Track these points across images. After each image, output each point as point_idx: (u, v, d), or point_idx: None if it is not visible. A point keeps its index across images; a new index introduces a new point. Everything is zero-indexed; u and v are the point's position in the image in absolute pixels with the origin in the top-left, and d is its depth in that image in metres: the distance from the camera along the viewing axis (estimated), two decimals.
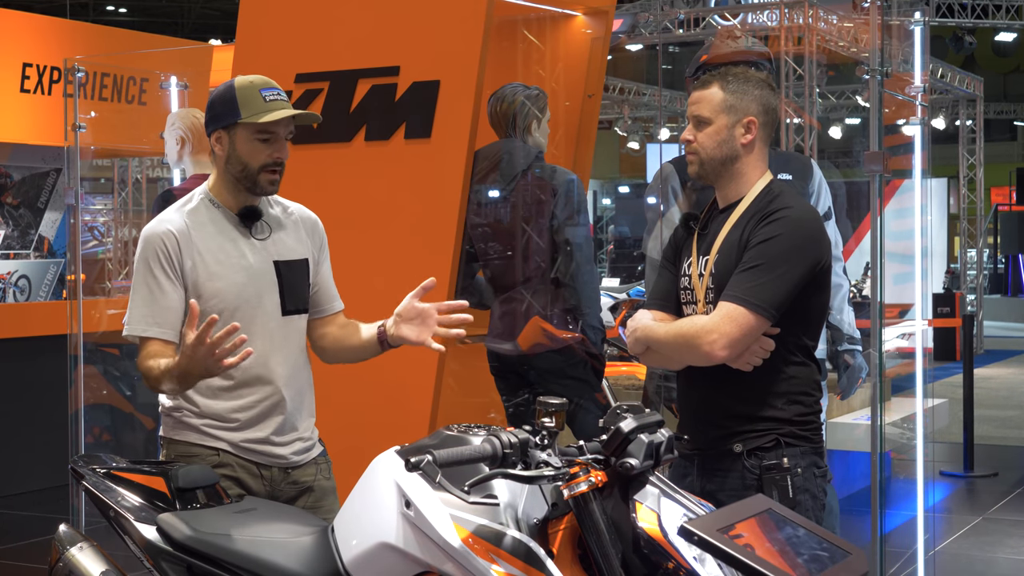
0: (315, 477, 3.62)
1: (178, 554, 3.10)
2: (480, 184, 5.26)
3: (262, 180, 3.49)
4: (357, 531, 2.92)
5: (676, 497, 2.72)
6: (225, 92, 3.50)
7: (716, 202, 3.54)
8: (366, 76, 5.17)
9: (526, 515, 2.71)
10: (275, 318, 3.53)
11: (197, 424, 3.50)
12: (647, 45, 16.90)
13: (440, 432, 2.85)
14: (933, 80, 17.00)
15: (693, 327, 3.33)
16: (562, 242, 5.23)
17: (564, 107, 5.96)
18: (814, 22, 12.61)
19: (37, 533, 7.57)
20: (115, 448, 7.91)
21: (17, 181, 10.66)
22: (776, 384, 3.36)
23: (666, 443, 2.76)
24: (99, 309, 7.71)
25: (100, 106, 9.30)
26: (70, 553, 3.31)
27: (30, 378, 8.69)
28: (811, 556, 2.54)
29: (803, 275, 3.31)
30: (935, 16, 18.67)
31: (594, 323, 5.32)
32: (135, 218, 13.25)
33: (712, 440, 3.40)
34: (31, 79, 9.97)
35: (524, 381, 5.39)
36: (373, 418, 4.95)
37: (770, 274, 3.27)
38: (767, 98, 3.46)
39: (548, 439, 2.72)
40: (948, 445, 9.98)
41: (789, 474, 3.32)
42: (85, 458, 3.52)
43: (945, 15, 19.11)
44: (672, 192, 4.72)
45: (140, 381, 8.25)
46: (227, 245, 3.49)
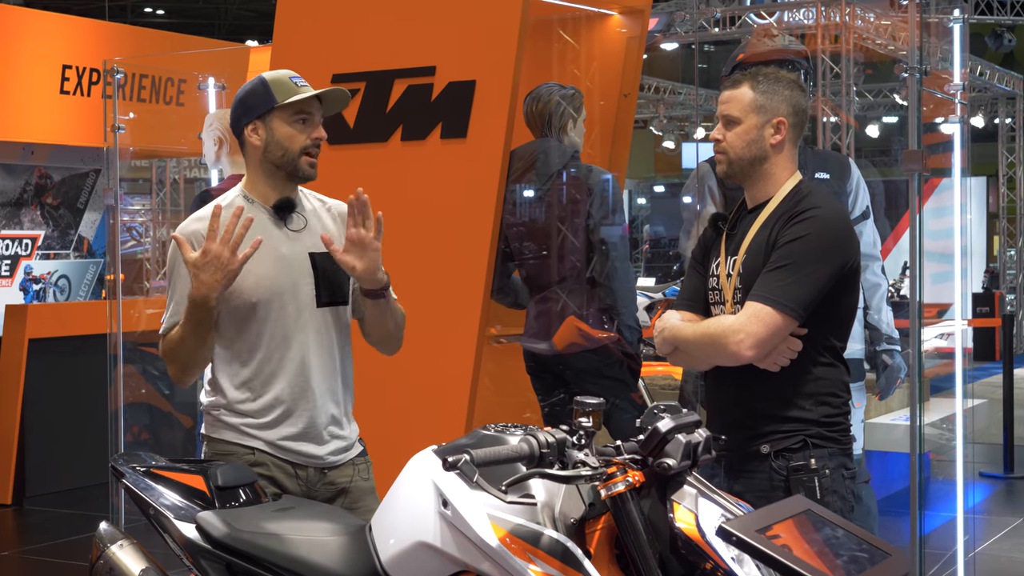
0: (352, 478, 3.61)
1: (217, 552, 3.12)
2: (516, 184, 5.26)
3: (303, 163, 3.52)
4: (394, 530, 2.92)
5: (714, 497, 2.71)
6: (255, 86, 3.55)
7: (745, 202, 3.53)
8: (402, 76, 5.18)
9: (563, 515, 2.71)
10: (310, 309, 3.53)
11: (234, 423, 3.52)
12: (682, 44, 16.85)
13: (477, 432, 2.85)
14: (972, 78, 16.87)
15: (720, 327, 3.33)
16: (598, 241, 5.23)
17: (599, 106, 5.95)
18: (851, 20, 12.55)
19: (77, 531, 7.62)
20: (154, 446, 7.95)
21: (57, 182, 10.74)
22: (803, 385, 3.35)
23: (704, 443, 2.75)
24: (138, 309, 7.76)
25: (138, 107, 9.35)
26: (111, 551, 3.33)
27: (70, 377, 8.75)
28: (850, 557, 2.53)
29: (831, 275, 3.29)
30: (974, 13, 18.53)
31: (630, 323, 5.31)
32: (173, 218, 13.32)
33: (739, 441, 3.38)
34: (70, 81, 10.04)
35: (560, 381, 5.39)
36: (409, 418, 4.96)
37: (798, 274, 3.26)
38: (797, 99, 3.45)
39: (585, 439, 2.71)
40: (988, 446, 9.90)
41: (817, 475, 3.31)
42: (125, 456, 3.54)
43: (984, 12, 18.96)
44: (708, 191, 4.71)
45: None
46: (260, 237, 3.50)
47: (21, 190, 10.45)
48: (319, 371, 3.54)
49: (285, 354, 3.48)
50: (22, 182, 10.45)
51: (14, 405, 8.53)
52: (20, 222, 10.48)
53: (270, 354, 3.47)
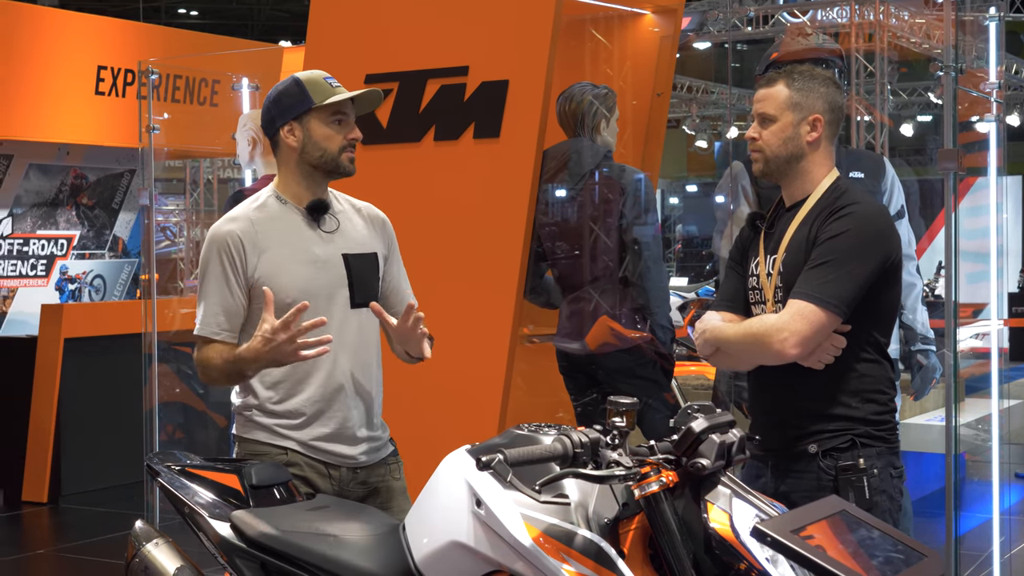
0: (384, 478, 3.62)
1: (252, 551, 3.13)
2: (549, 183, 5.25)
3: (344, 160, 3.54)
4: (428, 529, 2.92)
5: (748, 498, 2.70)
6: (290, 86, 3.54)
7: (782, 201, 3.52)
8: (435, 76, 5.19)
9: (597, 515, 2.70)
10: (344, 310, 3.54)
11: (266, 423, 3.53)
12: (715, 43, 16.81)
13: (510, 431, 2.85)
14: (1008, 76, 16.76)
15: (763, 326, 3.31)
16: (630, 241, 5.22)
17: (632, 106, 5.95)
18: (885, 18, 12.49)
19: (112, 529, 7.66)
20: (188, 445, 8.00)
21: (92, 182, 10.81)
22: (849, 382, 3.33)
23: (737, 444, 2.74)
24: (172, 308, 7.81)
25: (172, 108, 9.41)
26: (146, 549, 3.34)
27: (105, 376, 8.79)
28: (885, 558, 2.52)
29: (873, 271, 3.28)
30: (1010, 11, 18.41)
31: (663, 322, 5.30)
32: (206, 218, 13.38)
33: (786, 441, 3.37)
34: (105, 82, 10.10)
35: (592, 380, 5.38)
36: (442, 418, 4.97)
37: (839, 270, 3.24)
38: (833, 96, 3.44)
39: (619, 439, 2.71)
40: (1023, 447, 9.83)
41: (865, 475, 3.29)
42: (160, 455, 3.56)
43: (1020, 10, 18.83)
44: (742, 191, 4.69)
45: None
46: (294, 239, 3.51)
47: (57, 190, 10.52)
48: (352, 371, 3.54)
49: (319, 355, 3.48)
50: (58, 182, 10.53)
51: (50, 404, 8.58)
52: (56, 222, 10.55)
53: None
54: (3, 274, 10.18)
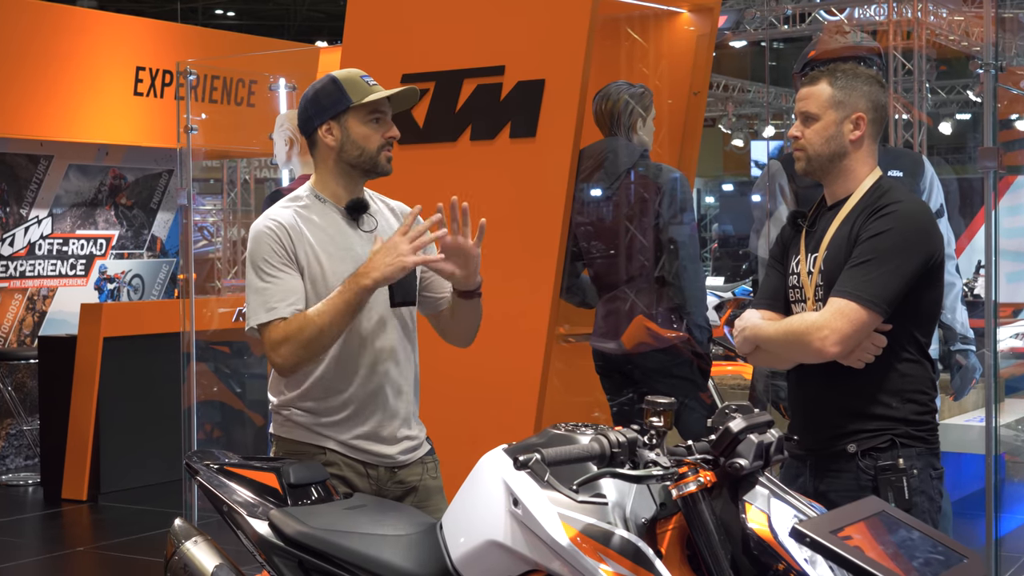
0: (421, 477, 3.62)
1: (290, 549, 3.14)
2: (585, 183, 5.25)
3: (382, 159, 3.53)
4: (465, 529, 2.92)
5: (786, 498, 2.69)
6: (327, 85, 3.54)
7: (824, 199, 3.50)
8: (471, 76, 5.19)
9: (634, 515, 2.70)
10: (383, 310, 3.54)
11: (305, 422, 3.53)
12: (752, 41, 16.76)
13: (547, 431, 2.85)
14: None
15: (803, 324, 3.30)
16: (667, 240, 5.20)
17: (668, 105, 5.93)
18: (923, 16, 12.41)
19: (151, 527, 7.71)
20: (225, 444, 8.04)
21: (131, 182, 10.88)
22: (889, 382, 3.31)
23: (776, 444, 2.72)
24: (210, 307, 7.85)
25: (210, 108, 9.44)
26: (185, 547, 3.36)
27: (143, 375, 8.84)
28: (925, 559, 2.50)
29: (915, 270, 3.26)
30: None
31: (700, 322, 5.28)
32: (243, 218, 13.43)
33: (825, 440, 3.36)
34: (144, 82, 10.16)
35: (629, 380, 5.37)
36: (479, 417, 4.97)
37: (881, 268, 3.22)
38: (876, 94, 3.42)
39: (656, 438, 2.70)
40: None
41: (905, 475, 3.27)
42: (199, 454, 3.57)
43: None
44: (779, 190, 4.67)
45: (250, 378, 8.40)
46: (336, 237, 3.51)
47: (96, 191, 10.59)
48: (390, 371, 3.54)
49: (358, 354, 3.49)
50: (97, 183, 10.60)
51: (89, 403, 8.63)
52: (95, 222, 10.62)
53: (342, 354, 3.48)
54: (43, 274, 10.25)
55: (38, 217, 10.15)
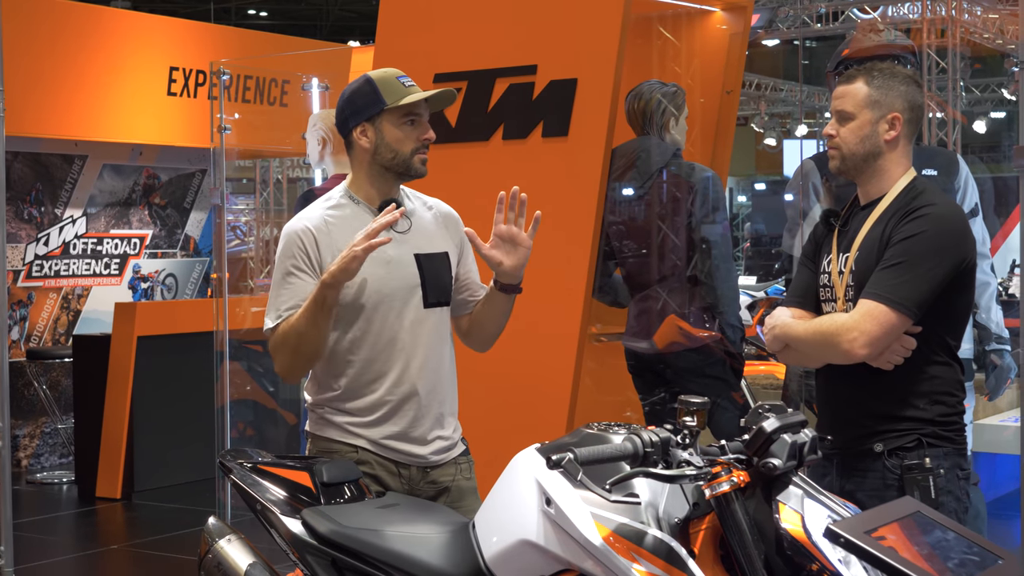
0: (454, 477, 3.62)
1: (323, 548, 3.15)
2: (617, 182, 5.24)
3: (415, 162, 3.54)
4: (498, 528, 2.93)
5: (820, 498, 2.68)
6: (362, 86, 3.54)
7: (857, 199, 3.49)
8: (504, 75, 5.19)
9: (667, 514, 2.69)
10: (417, 310, 3.54)
11: (338, 421, 3.54)
12: (785, 40, 16.69)
13: (580, 430, 2.85)
14: None
15: (833, 325, 3.29)
16: (699, 240, 5.19)
17: (700, 104, 5.92)
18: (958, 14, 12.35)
19: (185, 525, 7.75)
20: (258, 443, 8.06)
21: (164, 182, 10.93)
22: (918, 384, 3.30)
23: (809, 443, 2.72)
24: (243, 307, 7.87)
25: (243, 108, 9.48)
26: (219, 545, 3.37)
27: (177, 374, 8.88)
28: (960, 560, 2.49)
29: (947, 273, 3.25)
30: None
31: (733, 321, 5.27)
32: (276, 217, 13.48)
33: (852, 439, 3.35)
34: (177, 83, 10.21)
35: (661, 379, 5.36)
36: (511, 416, 4.97)
37: (913, 271, 3.21)
38: (913, 94, 3.40)
39: (689, 438, 2.70)
40: None
41: (932, 475, 3.26)
42: (232, 452, 3.59)
43: None
44: (812, 189, 4.65)
45: None
46: (390, 238, 3.51)
47: (130, 190, 10.65)
48: (424, 371, 3.54)
49: (391, 354, 3.50)
50: (131, 182, 10.66)
51: (123, 401, 8.68)
52: (129, 222, 10.68)
53: (377, 354, 3.49)
54: (77, 273, 10.32)
55: (72, 217, 10.22)
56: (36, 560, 6.97)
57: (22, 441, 9.74)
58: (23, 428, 9.73)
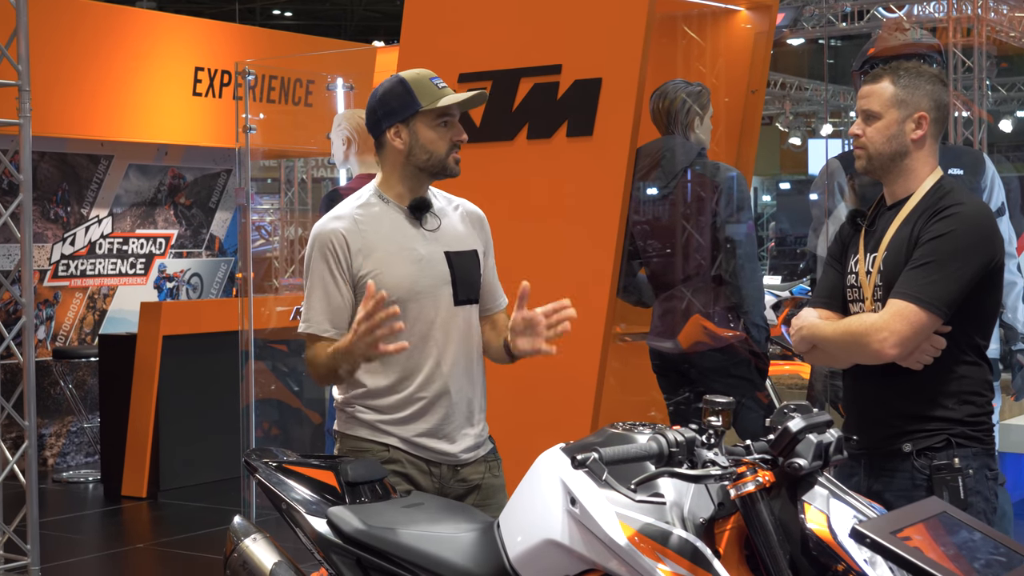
0: (484, 475, 3.62)
1: (348, 547, 3.15)
2: (642, 181, 5.24)
3: (450, 162, 3.55)
4: (522, 528, 2.93)
5: (846, 498, 2.68)
6: (395, 87, 3.54)
7: (883, 199, 3.48)
8: (528, 74, 5.19)
9: (692, 514, 2.69)
10: (447, 308, 3.55)
11: (369, 420, 3.54)
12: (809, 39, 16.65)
13: (605, 430, 2.85)
14: None
15: (862, 325, 3.29)
16: (724, 239, 5.19)
17: (725, 103, 5.91)
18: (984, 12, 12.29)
19: (210, 524, 7.77)
20: (283, 442, 8.08)
21: (190, 182, 10.97)
22: (947, 383, 3.30)
23: (835, 444, 2.71)
24: (268, 306, 7.90)
25: (268, 108, 9.51)
26: (244, 544, 3.38)
27: (202, 373, 8.90)
28: (986, 561, 2.48)
29: (975, 272, 3.24)
30: None
31: (757, 321, 5.26)
32: (301, 217, 13.52)
33: (880, 439, 3.35)
34: (202, 83, 10.24)
35: (686, 379, 5.36)
36: (536, 416, 4.97)
37: (942, 271, 3.21)
38: (939, 93, 3.40)
39: (715, 438, 2.70)
40: None
41: (960, 475, 3.26)
42: (257, 452, 3.60)
43: None
44: (838, 188, 4.64)
45: (307, 377, 8.44)
46: (398, 237, 3.53)
47: (155, 190, 10.70)
48: (455, 369, 3.55)
49: (423, 352, 3.51)
50: (156, 182, 10.70)
51: (149, 401, 8.70)
52: (154, 221, 10.73)
53: (408, 352, 3.49)
54: (103, 273, 10.37)
55: (98, 216, 10.27)
56: (62, 559, 7.00)
57: (48, 440, 9.79)
58: (49, 427, 9.79)
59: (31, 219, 6.05)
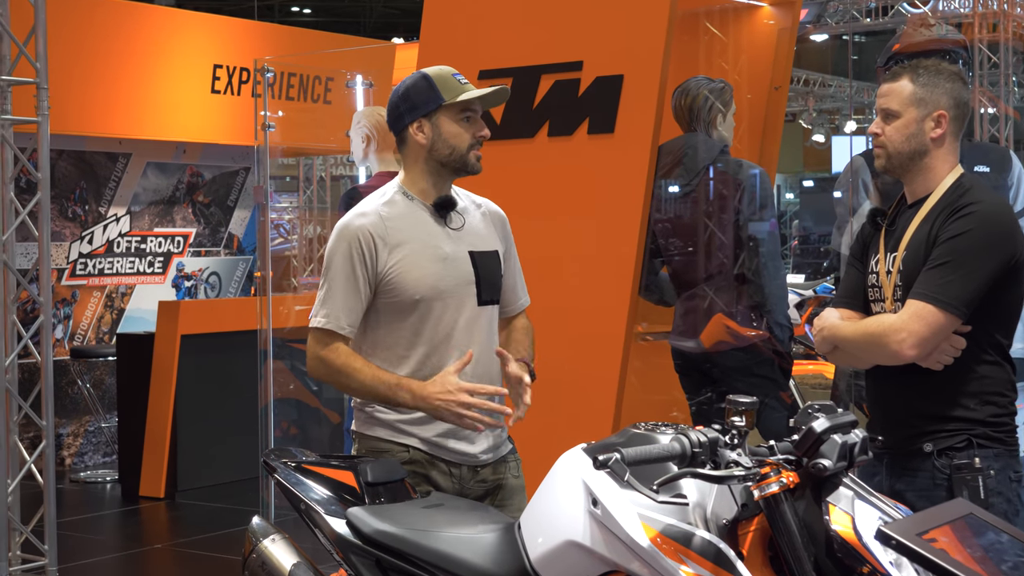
0: (504, 475, 3.63)
1: (367, 548, 3.16)
2: (664, 179, 5.23)
3: (471, 158, 3.55)
4: (543, 529, 2.93)
5: (871, 500, 2.67)
6: (418, 82, 3.55)
7: (904, 197, 3.48)
8: (549, 71, 5.19)
9: (715, 515, 2.69)
10: (471, 308, 3.56)
11: (388, 420, 3.54)
12: (833, 35, 16.60)
13: (627, 430, 2.84)
14: None
15: (880, 326, 3.29)
16: (747, 237, 5.18)
17: (748, 100, 5.90)
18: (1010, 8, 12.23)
19: (228, 524, 7.79)
20: (302, 442, 8.09)
21: (208, 180, 11.00)
22: (968, 384, 3.30)
23: (860, 444, 2.70)
24: (286, 305, 7.91)
25: (287, 105, 9.52)
26: (263, 545, 3.39)
27: (220, 373, 8.91)
28: (1014, 563, 2.47)
29: (994, 271, 3.24)
30: None
31: (781, 320, 5.25)
32: (319, 215, 13.53)
33: (901, 439, 3.35)
34: (221, 80, 10.27)
35: (708, 379, 5.35)
36: (557, 416, 4.96)
37: (960, 270, 3.21)
38: (959, 91, 3.40)
39: (738, 438, 2.69)
40: None
41: (981, 475, 3.26)
42: (276, 452, 3.61)
43: None
44: (863, 186, 4.63)
45: None
46: (424, 236, 3.53)
47: (173, 188, 10.73)
48: (477, 369, 3.54)
49: (445, 352, 3.51)
50: (174, 180, 10.73)
51: (167, 400, 8.73)
52: (172, 220, 10.76)
53: (430, 352, 3.50)
54: (121, 271, 10.41)
55: (116, 215, 10.30)
56: (79, 559, 7.03)
57: (66, 440, 9.83)
58: (67, 427, 9.83)
59: (49, 217, 6.08)
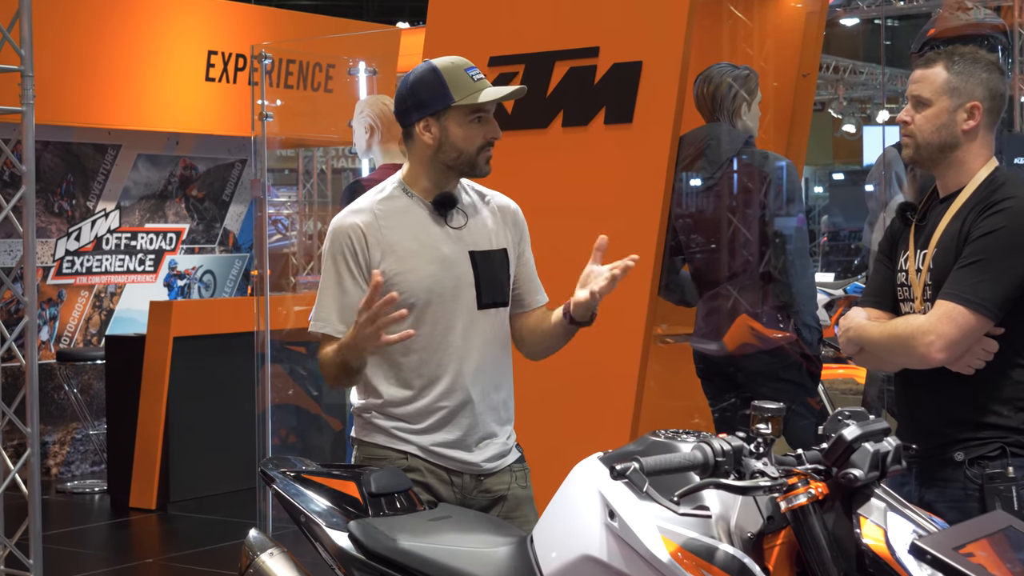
0: (509, 486, 3.62)
1: (371, 563, 3.16)
2: (685, 172, 5.24)
3: (480, 161, 3.54)
4: (557, 542, 2.93)
5: (904, 512, 2.67)
6: (429, 76, 3.52)
7: (936, 191, 3.48)
8: (563, 58, 5.20)
9: (739, 528, 2.69)
10: (469, 312, 3.55)
11: (386, 426, 3.56)
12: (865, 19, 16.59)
13: (646, 438, 2.85)
14: None
15: (908, 328, 3.30)
16: (773, 234, 5.18)
17: (774, 88, 5.90)
18: None
19: (223, 538, 7.81)
20: (302, 450, 8.10)
21: (202, 173, 11.02)
22: (1001, 389, 3.30)
23: (893, 453, 2.71)
24: (285, 305, 7.92)
25: (285, 94, 9.54)
26: (260, 559, 3.40)
27: (215, 377, 8.93)
28: None
29: None
30: None
31: (809, 321, 5.25)
32: (320, 210, 13.55)
33: (932, 447, 3.35)
34: (216, 67, 10.29)
35: (732, 384, 5.35)
36: (572, 423, 4.98)
37: (992, 270, 3.21)
38: (995, 82, 3.40)
39: (764, 447, 2.69)
40: None
41: (1015, 485, 3.26)
42: (275, 461, 3.61)
43: None
44: (896, 179, 4.63)
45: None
46: (420, 235, 3.53)
47: (166, 182, 10.75)
48: (478, 375, 3.55)
49: (443, 358, 3.51)
50: (167, 173, 10.75)
51: (158, 406, 8.74)
52: (164, 215, 10.78)
53: (428, 357, 3.51)
54: (110, 269, 10.43)
55: (105, 210, 10.33)
56: (66, 574, 7.05)
57: (52, 448, 9.86)
58: (53, 434, 9.85)
59: (34, 213, 6.09)
